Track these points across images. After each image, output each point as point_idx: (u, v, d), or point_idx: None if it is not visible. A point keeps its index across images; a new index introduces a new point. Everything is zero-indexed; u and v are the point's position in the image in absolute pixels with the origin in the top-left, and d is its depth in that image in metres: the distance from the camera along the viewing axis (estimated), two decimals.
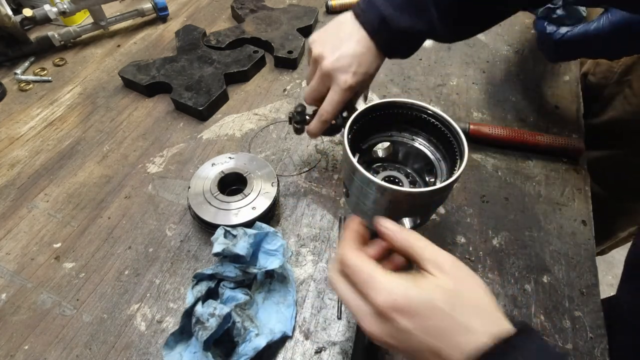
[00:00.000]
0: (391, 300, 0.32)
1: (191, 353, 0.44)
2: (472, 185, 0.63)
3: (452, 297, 0.31)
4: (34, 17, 0.80)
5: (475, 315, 0.31)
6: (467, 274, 0.33)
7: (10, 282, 0.53)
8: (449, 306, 0.31)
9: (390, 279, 0.33)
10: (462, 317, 0.31)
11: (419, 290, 0.32)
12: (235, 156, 0.61)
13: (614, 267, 1.64)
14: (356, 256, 0.35)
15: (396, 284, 0.32)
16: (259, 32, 0.86)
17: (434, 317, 0.31)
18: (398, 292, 0.32)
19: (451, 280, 0.32)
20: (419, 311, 0.32)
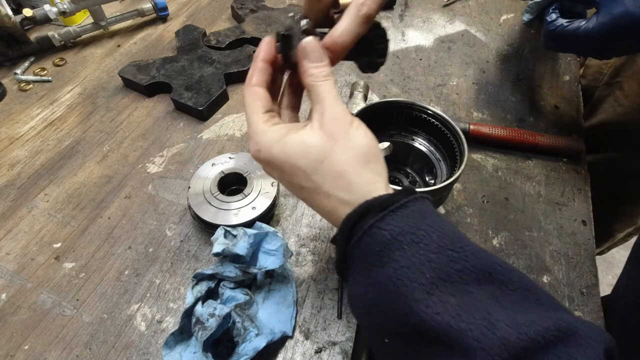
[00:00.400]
0: (255, 150, 0.32)
1: (191, 353, 0.44)
2: (472, 185, 0.63)
3: (314, 162, 0.30)
4: (34, 17, 0.80)
5: (335, 183, 0.30)
6: (349, 135, 0.31)
7: (10, 282, 0.53)
8: (310, 169, 0.30)
9: (261, 128, 0.32)
10: (322, 182, 0.30)
11: (282, 147, 0.31)
12: (235, 156, 0.61)
13: (614, 267, 1.64)
14: (248, 93, 0.34)
15: (264, 135, 0.32)
16: (259, 32, 0.86)
17: (295, 176, 0.31)
18: (262, 144, 0.32)
19: (325, 139, 0.30)
20: (281, 166, 0.31)
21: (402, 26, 0.91)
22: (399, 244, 0.27)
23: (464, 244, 0.27)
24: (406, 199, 0.29)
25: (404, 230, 0.27)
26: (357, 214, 0.29)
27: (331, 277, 0.53)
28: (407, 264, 0.26)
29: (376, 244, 0.27)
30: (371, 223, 0.27)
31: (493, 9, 0.95)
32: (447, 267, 0.26)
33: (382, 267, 0.27)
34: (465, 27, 0.90)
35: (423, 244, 0.27)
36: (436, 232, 0.27)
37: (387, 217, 0.27)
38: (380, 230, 0.27)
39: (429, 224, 0.28)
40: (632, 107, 0.75)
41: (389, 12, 0.94)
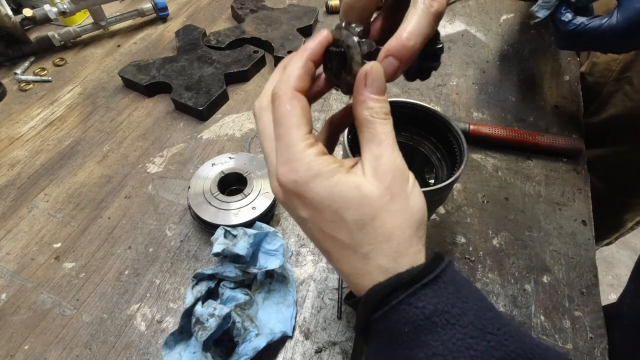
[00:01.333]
0: (291, 179, 0.25)
1: (190, 353, 0.44)
2: (472, 185, 0.63)
3: (367, 217, 0.25)
4: (34, 17, 0.80)
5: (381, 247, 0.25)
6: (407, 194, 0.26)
7: (10, 282, 0.53)
8: (358, 225, 0.25)
9: (304, 155, 0.25)
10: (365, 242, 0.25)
11: (328, 185, 0.25)
12: (235, 156, 0.61)
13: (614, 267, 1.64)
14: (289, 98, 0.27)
15: (308, 162, 0.25)
16: (259, 32, 0.86)
17: (334, 224, 0.25)
18: (303, 174, 0.25)
19: (381, 191, 0.25)
20: (320, 209, 0.25)
21: None
22: (433, 326, 0.23)
23: (501, 324, 0.24)
24: (439, 268, 0.25)
25: (438, 309, 0.24)
26: (388, 286, 0.25)
27: (331, 277, 0.53)
28: (442, 351, 0.23)
29: (405, 323, 0.24)
30: (401, 299, 0.24)
31: (493, 9, 0.95)
32: (487, 354, 0.23)
33: (412, 350, 0.24)
34: (465, 27, 0.90)
35: (459, 325, 0.23)
36: (472, 309, 0.24)
37: (419, 292, 0.24)
38: (411, 307, 0.24)
39: (463, 299, 0.24)
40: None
41: None
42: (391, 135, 0.26)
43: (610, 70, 0.80)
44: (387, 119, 0.27)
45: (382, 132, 0.26)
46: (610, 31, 0.53)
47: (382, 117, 0.26)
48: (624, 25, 0.52)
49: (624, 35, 0.53)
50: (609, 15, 0.53)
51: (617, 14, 0.53)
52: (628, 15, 0.52)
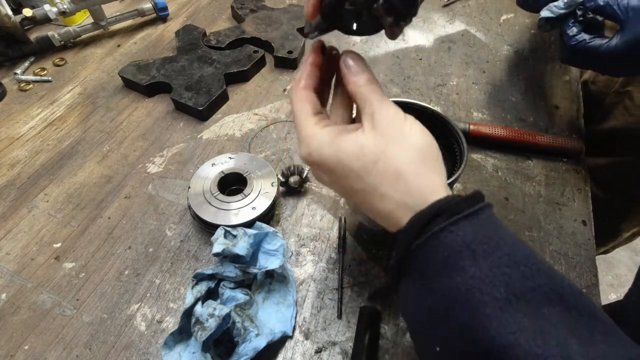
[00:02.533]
0: (306, 153, 0.31)
1: (190, 353, 0.44)
2: (472, 185, 0.63)
3: (369, 163, 0.29)
4: (34, 17, 0.80)
5: (392, 185, 0.28)
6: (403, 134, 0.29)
7: (10, 282, 0.53)
8: (364, 171, 0.29)
9: (312, 131, 0.31)
10: (378, 184, 0.29)
11: (334, 148, 0.30)
12: (235, 156, 0.61)
13: (614, 267, 1.64)
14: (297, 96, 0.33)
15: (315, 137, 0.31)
16: (259, 32, 0.86)
17: (348, 178, 0.30)
18: (313, 146, 0.31)
19: (378, 139, 0.29)
20: (333, 169, 0.30)
21: None
22: (471, 253, 0.25)
23: (535, 261, 0.26)
24: (478, 205, 0.27)
25: (477, 239, 0.25)
26: (429, 214, 0.27)
27: (331, 277, 0.53)
28: (479, 275, 0.25)
29: (445, 249, 0.26)
30: (442, 226, 0.26)
31: (493, 9, 0.95)
32: (520, 283, 0.24)
33: (449, 275, 0.25)
34: (465, 27, 0.90)
35: (496, 256, 0.25)
36: (508, 244, 0.26)
37: (459, 222, 0.26)
38: (451, 235, 0.26)
39: (500, 234, 0.26)
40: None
41: None
42: (377, 92, 0.31)
43: (612, 81, 0.80)
44: (370, 84, 0.31)
45: (367, 92, 0.31)
46: (609, 54, 0.53)
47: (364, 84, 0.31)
48: (623, 49, 0.52)
49: (621, 60, 0.52)
50: (610, 38, 0.53)
51: (617, 38, 0.52)
52: (627, 39, 0.51)
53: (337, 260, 0.54)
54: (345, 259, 0.54)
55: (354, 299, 0.51)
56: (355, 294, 0.52)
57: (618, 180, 0.81)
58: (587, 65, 0.61)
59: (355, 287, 0.52)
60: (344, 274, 0.53)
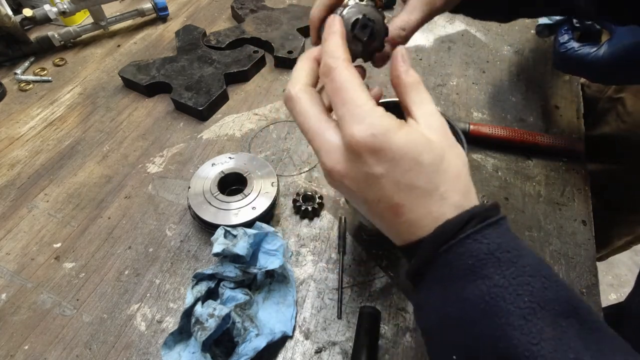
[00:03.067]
0: (369, 134, 0.26)
1: (190, 353, 0.44)
2: None
3: (438, 158, 0.27)
4: (34, 17, 0.80)
5: (454, 185, 0.28)
6: (454, 142, 0.29)
7: (10, 282, 0.53)
8: (433, 167, 0.27)
9: (376, 110, 0.27)
10: (440, 182, 0.27)
11: (406, 136, 0.27)
12: (235, 156, 0.61)
13: (614, 267, 1.64)
14: (347, 67, 0.29)
15: (382, 118, 0.27)
16: (259, 32, 0.86)
17: (412, 172, 0.27)
18: (381, 128, 0.26)
19: (441, 138, 0.28)
20: (398, 159, 0.27)
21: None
22: (496, 261, 0.25)
23: (552, 272, 0.26)
24: (499, 215, 0.27)
25: (501, 247, 0.25)
26: (460, 222, 0.26)
27: (331, 277, 0.53)
28: (504, 284, 0.24)
29: (470, 256, 0.25)
30: (468, 233, 0.26)
31: None
32: (542, 293, 0.24)
33: (473, 282, 0.25)
34: (465, 27, 0.90)
35: (520, 264, 0.25)
36: (529, 255, 0.26)
37: (485, 230, 0.26)
38: (476, 242, 0.25)
39: (521, 244, 0.26)
40: (634, 124, 0.75)
41: (389, 12, 0.94)
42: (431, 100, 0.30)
43: (605, 87, 0.80)
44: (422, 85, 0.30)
45: (426, 94, 0.30)
46: (596, 62, 0.54)
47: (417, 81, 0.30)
48: (609, 59, 0.52)
49: (608, 69, 0.53)
50: (598, 47, 0.54)
51: (605, 47, 0.53)
52: (614, 49, 0.52)
53: (337, 260, 0.54)
54: (345, 259, 0.54)
55: (354, 299, 0.51)
56: (355, 294, 0.52)
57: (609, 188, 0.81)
58: (576, 72, 0.62)
59: (355, 287, 0.52)
60: (343, 274, 0.53)
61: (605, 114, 0.80)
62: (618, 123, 0.77)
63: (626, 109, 0.76)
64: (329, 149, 0.28)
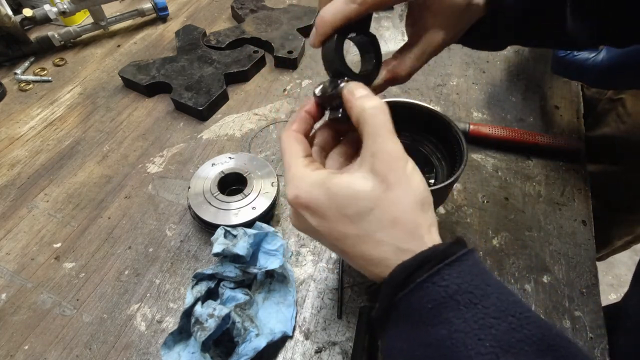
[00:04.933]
0: (293, 195, 0.29)
1: (189, 353, 0.44)
2: (472, 185, 0.63)
3: (364, 208, 0.27)
4: (34, 17, 0.80)
5: (390, 230, 0.27)
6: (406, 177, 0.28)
7: (10, 282, 0.53)
8: (359, 216, 0.27)
9: (302, 172, 0.30)
10: (372, 230, 0.27)
11: (325, 191, 0.28)
12: (235, 156, 0.61)
13: (614, 267, 1.64)
14: (287, 137, 0.32)
15: (304, 179, 0.29)
16: (259, 32, 0.86)
17: (339, 222, 0.28)
18: (302, 187, 0.29)
19: (377, 184, 0.27)
20: (324, 213, 0.28)
21: (402, 26, 0.91)
22: (455, 304, 0.24)
23: (523, 309, 0.25)
24: (461, 251, 0.26)
25: (461, 289, 0.25)
26: (413, 265, 0.26)
27: (331, 277, 0.53)
28: (464, 328, 0.24)
29: (429, 300, 0.25)
30: (424, 277, 0.25)
31: None
32: (508, 335, 0.23)
33: (434, 327, 0.25)
34: None
35: (482, 305, 0.24)
36: (495, 292, 0.25)
37: (442, 272, 0.25)
38: (434, 286, 0.25)
39: (486, 282, 0.25)
40: (634, 125, 0.75)
41: (389, 12, 0.94)
42: (385, 126, 0.28)
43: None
44: (380, 112, 0.29)
45: (375, 124, 0.28)
46: (594, 67, 0.54)
47: (371, 109, 0.29)
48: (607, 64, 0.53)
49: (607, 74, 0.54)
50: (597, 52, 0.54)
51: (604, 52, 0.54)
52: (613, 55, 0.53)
53: (337, 260, 0.54)
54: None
55: (354, 299, 0.51)
56: (355, 294, 0.52)
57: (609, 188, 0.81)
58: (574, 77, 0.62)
59: (355, 287, 0.52)
60: (343, 274, 0.53)
61: (605, 114, 0.80)
62: (618, 124, 0.77)
63: (626, 109, 0.76)
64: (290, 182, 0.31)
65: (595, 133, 0.80)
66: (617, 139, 0.77)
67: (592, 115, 0.82)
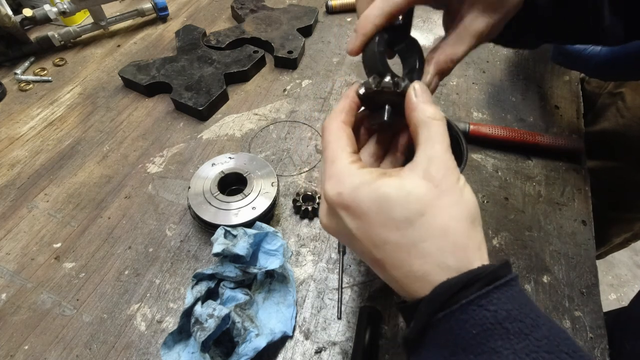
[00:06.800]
0: (336, 192, 0.27)
1: (189, 353, 0.44)
2: (472, 185, 0.63)
3: (414, 213, 0.25)
4: (34, 17, 0.80)
5: (438, 241, 0.25)
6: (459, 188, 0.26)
7: (10, 282, 0.53)
8: (407, 222, 0.25)
9: (347, 168, 0.27)
10: (419, 239, 0.25)
11: (374, 190, 0.26)
12: (235, 156, 0.61)
13: (614, 267, 1.64)
14: (335, 127, 0.30)
15: (351, 176, 0.27)
16: (259, 32, 0.86)
17: (384, 227, 0.25)
18: (348, 185, 0.27)
19: (431, 189, 0.25)
20: (366, 215, 0.26)
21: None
22: (504, 332, 0.22)
23: (576, 348, 0.22)
24: (510, 275, 0.24)
25: (511, 316, 0.22)
26: (459, 284, 0.23)
27: (331, 277, 0.53)
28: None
29: (474, 324, 0.22)
30: (472, 298, 0.23)
31: None
32: None
33: (478, 356, 0.22)
34: None
35: (533, 337, 0.22)
36: (546, 325, 0.23)
37: (491, 295, 0.23)
38: (482, 309, 0.23)
39: (536, 311, 0.23)
40: (633, 119, 0.75)
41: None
42: (445, 136, 0.28)
43: (606, 82, 0.80)
44: (442, 121, 0.28)
45: (437, 133, 0.27)
46: (594, 57, 0.54)
47: (437, 119, 0.28)
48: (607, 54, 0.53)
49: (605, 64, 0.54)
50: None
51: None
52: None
53: (337, 260, 0.54)
54: (345, 259, 0.54)
55: (354, 299, 0.51)
56: (355, 294, 0.52)
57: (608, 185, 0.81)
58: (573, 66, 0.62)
59: (355, 287, 0.52)
60: (343, 274, 0.53)
61: (605, 109, 0.80)
62: (617, 118, 0.77)
63: (626, 104, 0.76)
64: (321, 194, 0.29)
65: (595, 128, 0.80)
66: (615, 133, 0.77)
67: (592, 111, 0.82)
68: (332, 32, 0.91)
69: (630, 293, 1.55)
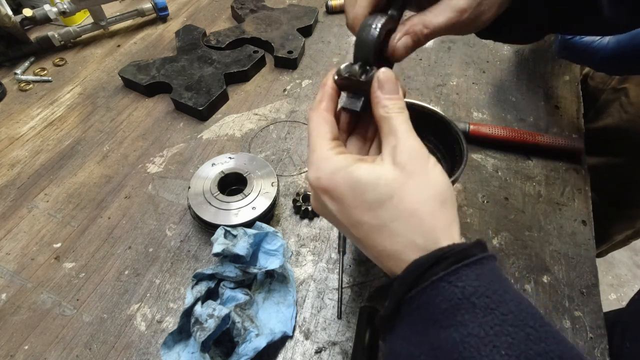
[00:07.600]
0: (315, 177, 0.29)
1: (189, 353, 0.44)
2: (472, 185, 0.63)
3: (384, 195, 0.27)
4: (34, 17, 0.80)
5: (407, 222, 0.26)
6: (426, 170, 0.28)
7: (10, 282, 0.53)
8: (377, 202, 0.27)
9: (325, 155, 0.30)
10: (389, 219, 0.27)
11: (347, 175, 0.28)
12: (235, 156, 0.61)
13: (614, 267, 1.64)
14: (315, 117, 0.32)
15: (329, 161, 0.29)
16: (259, 32, 0.86)
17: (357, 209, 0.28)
18: (325, 170, 0.29)
19: (398, 173, 0.27)
20: (343, 198, 0.28)
21: None
22: (471, 307, 0.23)
23: (542, 323, 0.23)
24: (482, 254, 0.25)
25: (478, 292, 0.23)
26: (429, 261, 0.25)
27: (331, 277, 0.53)
28: (479, 333, 0.22)
29: (443, 300, 0.24)
30: (441, 275, 0.24)
31: None
32: (525, 346, 0.22)
33: (446, 329, 0.23)
34: None
35: (499, 312, 0.23)
36: (513, 300, 0.24)
37: (460, 272, 0.24)
38: (450, 285, 0.24)
39: (505, 288, 0.24)
40: (637, 115, 0.74)
41: None
42: (405, 124, 0.29)
43: (609, 77, 0.80)
44: (400, 113, 0.30)
45: (396, 123, 0.29)
46: (600, 51, 0.54)
47: (396, 112, 0.30)
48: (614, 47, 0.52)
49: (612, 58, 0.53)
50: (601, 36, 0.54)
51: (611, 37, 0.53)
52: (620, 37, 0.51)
53: (337, 260, 0.54)
54: (345, 259, 0.54)
55: (354, 299, 0.51)
56: (355, 294, 0.52)
57: (610, 181, 0.81)
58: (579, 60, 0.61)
59: (355, 287, 0.52)
60: (343, 274, 0.53)
61: (608, 105, 0.79)
62: (620, 114, 0.77)
63: (629, 99, 0.75)
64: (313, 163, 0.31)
65: (598, 125, 0.80)
66: (618, 129, 0.77)
67: (595, 107, 0.81)
68: (332, 32, 0.91)
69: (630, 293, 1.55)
